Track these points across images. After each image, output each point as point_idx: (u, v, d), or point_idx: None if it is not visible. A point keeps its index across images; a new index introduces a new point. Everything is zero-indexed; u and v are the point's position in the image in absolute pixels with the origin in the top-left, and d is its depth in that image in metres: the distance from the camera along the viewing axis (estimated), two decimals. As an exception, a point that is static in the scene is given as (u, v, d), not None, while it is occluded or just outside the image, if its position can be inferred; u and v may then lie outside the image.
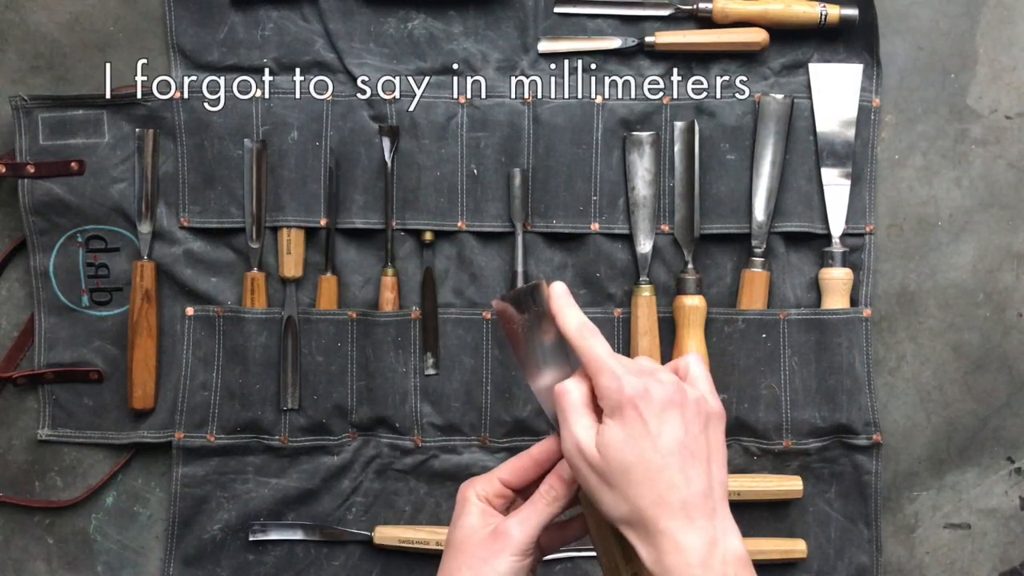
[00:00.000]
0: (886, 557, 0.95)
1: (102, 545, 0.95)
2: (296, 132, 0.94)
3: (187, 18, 0.94)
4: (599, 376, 0.61)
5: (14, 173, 0.91)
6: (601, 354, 0.62)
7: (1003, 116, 0.97)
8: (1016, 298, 0.97)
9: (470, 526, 0.65)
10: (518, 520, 0.64)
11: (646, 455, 0.59)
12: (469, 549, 0.64)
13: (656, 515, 0.59)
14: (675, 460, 0.60)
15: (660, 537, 0.59)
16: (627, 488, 0.60)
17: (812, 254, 0.95)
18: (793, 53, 0.96)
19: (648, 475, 0.59)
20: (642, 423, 0.60)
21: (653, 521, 0.59)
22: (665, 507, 0.59)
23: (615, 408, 0.60)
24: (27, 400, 0.95)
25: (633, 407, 0.60)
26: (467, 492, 0.66)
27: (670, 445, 0.60)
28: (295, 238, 0.94)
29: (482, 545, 0.63)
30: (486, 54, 0.95)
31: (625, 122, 0.94)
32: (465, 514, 0.65)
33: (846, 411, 0.93)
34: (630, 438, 0.60)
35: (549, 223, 0.94)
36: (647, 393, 0.60)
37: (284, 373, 0.93)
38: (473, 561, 0.63)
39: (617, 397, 0.60)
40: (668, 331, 0.93)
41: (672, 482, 0.59)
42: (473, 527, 0.64)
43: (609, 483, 0.60)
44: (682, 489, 0.59)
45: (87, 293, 0.95)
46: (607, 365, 0.61)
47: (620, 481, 0.60)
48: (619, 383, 0.60)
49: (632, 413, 0.60)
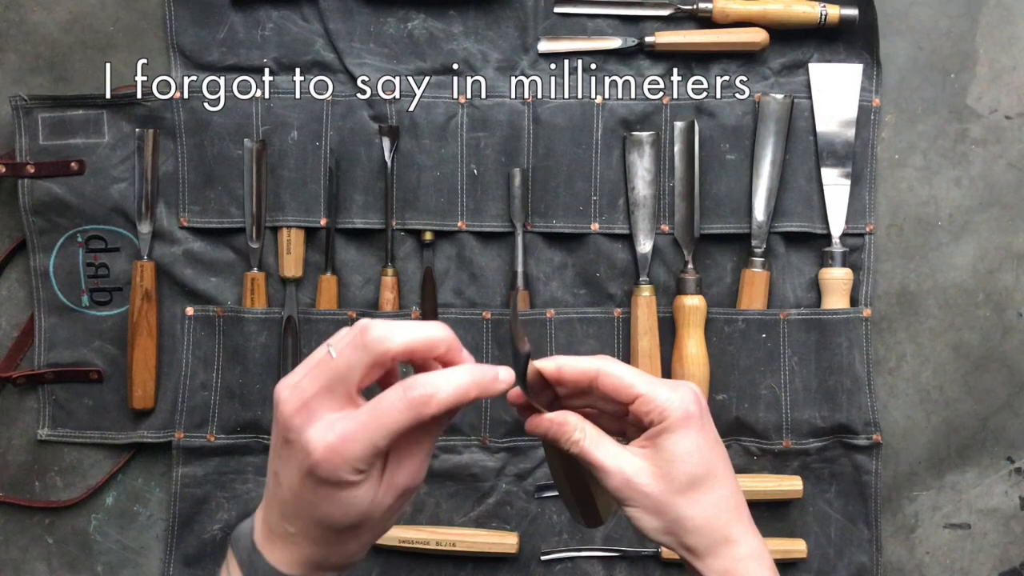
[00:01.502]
0: (886, 557, 0.95)
1: (102, 545, 0.95)
2: (296, 132, 0.94)
3: (187, 18, 0.94)
4: (652, 390, 0.58)
5: (14, 173, 0.91)
6: (633, 374, 0.59)
7: (1003, 116, 0.97)
8: (1016, 298, 0.97)
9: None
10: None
11: (716, 462, 0.58)
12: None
13: (727, 522, 0.58)
14: (729, 465, 0.59)
15: (729, 546, 0.58)
16: (701, 497, 0.58)
17: (812, 254, 0.95)
18: (793, 53, 0.96)
19: (717, 483, 0.58)
20: (710, 429, 0.59)
21: (723, 530, 0.58)
22: (734, 513, 0.58)
23: (681, 420, 0.57)
24: (27, 400, 0.95)
25: (700, 415, 0.58)
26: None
27: (724, 450, 0.59)
28: (295, 238, 0.94)
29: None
30: (486, 54, 0.95)
31: (625, 122, 0.95)
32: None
33: (846, 411, 0.93)
34: (700, 448, 0.58)
35: (549, 223, 0.94)
36: (699, 399, 0.59)
37: (284, 373, 0.92)
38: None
39: (684, 408, 0.58)
40: (668, 331, 0.93)
41: (736, 487, 0.59)
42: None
43: (677, 498, 0.58)
44: (738, 493, 0.59)
45: (87, 293, 0.95)
46: (648, 381, 0.58)
47: (688, 495, 0.57)
48: (676, 394, 0.58)
49: (698, 422, 0.58)
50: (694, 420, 0.58)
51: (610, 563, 0.93)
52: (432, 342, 0.52)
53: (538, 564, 0.93)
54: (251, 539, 0.55)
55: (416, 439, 0.53)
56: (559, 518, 0.94)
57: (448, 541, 0.91)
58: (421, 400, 0.51)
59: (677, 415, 0.57)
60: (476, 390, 0.52)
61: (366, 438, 0.50)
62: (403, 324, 0.52)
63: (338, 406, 0.51)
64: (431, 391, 0.51)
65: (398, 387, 0.51)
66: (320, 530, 0.53)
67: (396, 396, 0.51)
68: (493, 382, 0.53)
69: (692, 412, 0.58)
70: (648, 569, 0.94)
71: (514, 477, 0.94)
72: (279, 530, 0.54)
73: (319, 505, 0.52)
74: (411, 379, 0.51)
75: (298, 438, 0.51)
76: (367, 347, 0.51)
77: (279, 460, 0.53)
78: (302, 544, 0.54)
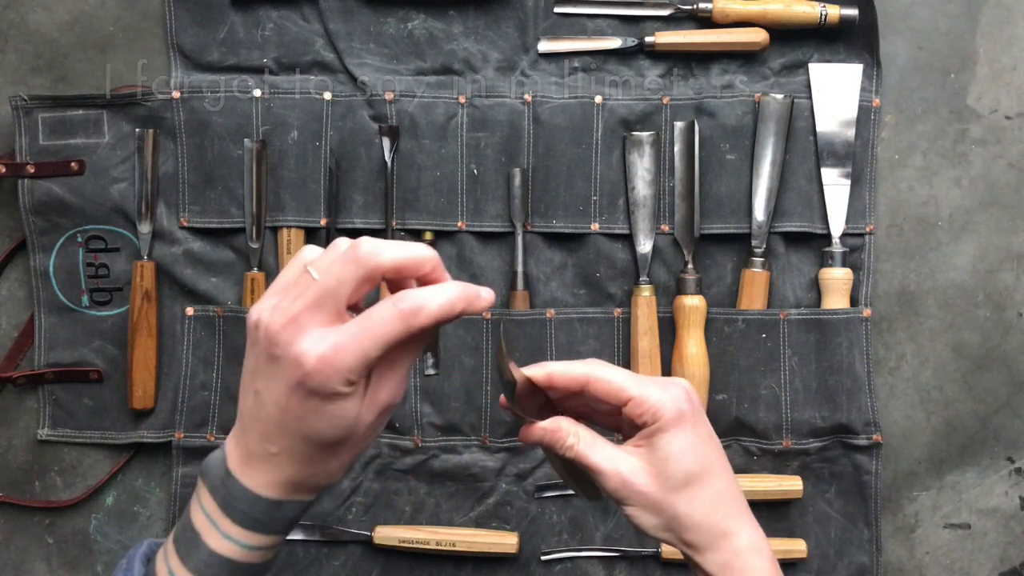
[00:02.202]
0: (886, 557, 0.95)
1: (102, 545, 0.95)
2: (296, 132, 0.94)
3: (187, 18, 0.94)
4: (644, 392, 0.58)
5: (14, 173, 0.91)
6: (624, 376, 0.59)
7: (1003, 116, 0.97)
8: (1016, 298, 0.97)
9: None
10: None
11: (711, 458, 0.59)
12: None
13: (725, 516, 0.58)
14: (725, 459, 0.60)
15: (727, 540, 0.58)
16: (698, 493, 0.58)
17: (812, 254, 0.95)
18: (793, 53, 0.96)
19: (713, 479, 0.59)
20: (703, 426, 0.59)
21: (722, 524, 0.58)
22: (731, 507, 0.59)
23: (674, 419, 0.58)
24: (27, 400, 0.95)
25: (692, 413, 0.59)
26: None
27: (719, 445, 0.60)
28: (295, 238, 0.94)
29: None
30: (486, 54, 0.95)
31: (625, 122, 0.95)
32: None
33: (846, 411, 0.93)
34: (694, 445, 0.58)
35: (549, 223, 0.94)
36: (691, 397, 0.59)
37: (284, 373, 0.92)
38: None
39: (676, 407, 0.58)
40: (668, 331, 0.93)
41: (732, 481, 0.60)
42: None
43: (662, 501, 0.58)
44: (735, 487, 0.60)
45: (87, 293, 0.95)
46: (639, 382, 0.59)
47: (684, 492, 0.58)
48: (667, 393, 0.58)
49: (690, 420, 0.58)
50: (687, 418, 0.58)
51: (610, 563, 0.93)
52: (420, 260, 0.53)
53: (538, 564, 0.93)
54: (224, 467, 0.55)
55: (398, 356, 0.54)
56: (559, 518, 0.94)
57: (448, 541, 0.91)
58: (411, 311, 0.51)
59: (670, 415, 0.58)
60: (462, 304, 0.53)
61: (358, 348, 0.51)
62: (391, 242, 0.53)
63: (327, 321, 0.51)
64: (420, 303, 0.51)
65: (388, 300, 0.52)
66: (306, 446, 0.53)
67: (387, 307, 0.51)
68: (476, 298, 0.54)
69: (684, 410, 0.58)
70: (648, 569, 0.94)
71: (514, 477, 0.94)
72: (259, 451, 0.54)
73: (307, 419, 0.52)
74: (401, 293, 0.52)
75: (287, 352, 0.51)
76: (359, 261, 0.51)
77: (262, 379, 0.53)
78: (284, 464, 0.54)
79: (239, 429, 0.55)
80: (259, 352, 0.53)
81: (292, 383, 0.51)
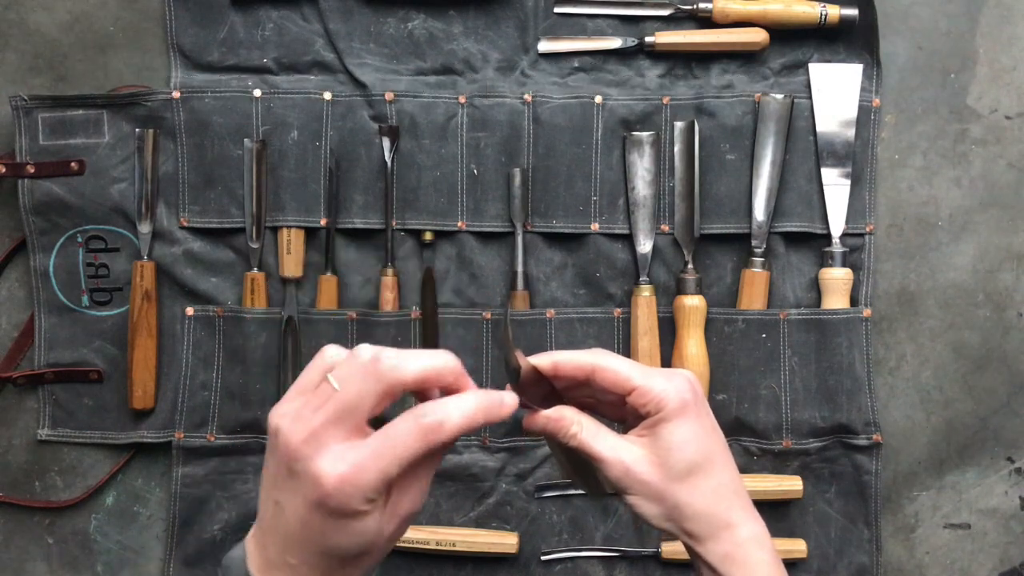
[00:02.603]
0: (886, 557, 0.95)
1: (102, 545, 0.95)
2: (296, 132, 0.94)
3: (187, 18, 0.94)
4: (648, 381, 0.58)
5: (14, 173, 0.91)
6: (629, 366, 0.59)
7: (1003, 116, 0.97)
8: (1016, 298, 0.97)
9: None
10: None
11: (714, 448, 0.59)
12: None
13: (727, 508, 0.59)
14: (728, 451, 0.60)
15: (729, 530, 0.58)
16: (700, 483, 0.58)
17: (812, 254, 0.95)
18: (793, 53, 0.96)
19: (716, 469, 0.59)
20: (706, 416, 0.59)
21: (724, 515, 0.58)
22: (734, 499, 0.59)
23: (678, 409, 0.58)
24: (27, 400, 0.95)
25: (696, 403, 0.59)
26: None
27: (722, 437, 0.60)
28: (295, 238, 0.94)
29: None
30: (486, 54, 0.95)
31: (625, 122, 0.95)
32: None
33: (846, 411, 0.93)
34: (697, 436, 0.58)
35: (549, 223, 0.94)
36: (695, 387, 0.59)
37: (284, 373, 0.92)
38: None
39: (679, 397, 0.58)
40: (668, 331, 0.93)
41: (734, 473, 0.60)
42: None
43: (665, 491, 0.58)
44: (737, 479, 0.60)
45: (87, 293, 0.95)
46: (644, 372, 0.59)
47: (687, 482, 0.58)
48: (671, 384, 0.58)
49: (694, 410, 0.59)
50: (690, 408, 0.58)
51: (610, 563, 0.93)
52: (442, 372, 0.52)
53: (538, 564, 0.93)
54: (244, 568, 0.54)
55: (419, 467, 0.53)
56: (559, 518, 0.94)
57: (448, 541, 0.91)
58: (432, 427, 0.51)
59: (673, 404, 0.58)
60: (483, 416, 0.52)
61: (378, 468, 0.50)
62: (413, 353, 0.52)
63: (346, 436, 0.51)
64: (442, 418, 0.51)
65: (408, 415, 0.51)
66: (326, 560, 0.53)
67: (408, 424, 0.51)
68: (499, 407, 0.53)
69: (688, 400, 0.58)
70: (648, 569, 0.94)
71: (514, 477, 0.94)
72: (279, 561, 0.53)
73: (327, 536, 0.51)
74: (421, 407, 0.51)
75: (306, 469, 0.50)
76: (380, 376, 0.51)
77: (281, 491, 0.52)
78: (304, 575, 0.53)
79: (259, 532, 0.54)
80: (279, 462, 0.52)
81: (311, 501, 0.50)
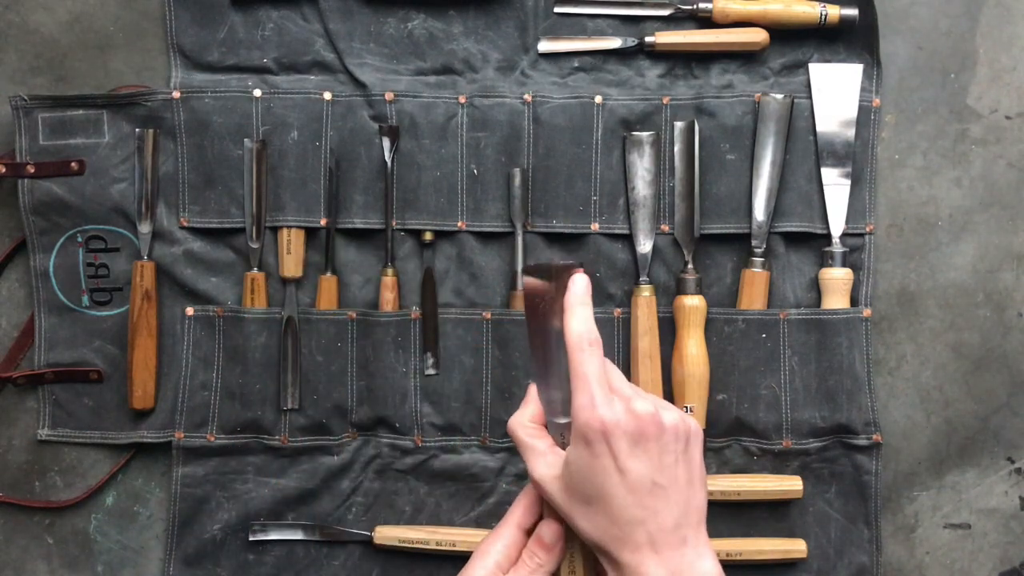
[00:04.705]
0: (886, 557, 0.95)
1: (102, 545, 0.95)
2: (296, 132, 0.94)
3: (187, 18, 0.94)
4: (577, 394, 0.59)
5: (14, 173, 0.92)
6: (589, 372, 0.59)
7: (1003, 116, 0.97)
8: (1016, 298, 0.97)
9: None
10: None
11: (610, 490, 0.58)
12: None
13: (619, 548, 0.59)
14: (643, 496, 0.58)
15: (624, 568, 0.59)
16: (592, 516, 0.59)
17: (812, 254, 0.95)
18: (793, 53, 0.96)
19: (611, 510, 0.59)
20: (611, 457, 0.58)
21: (616, 553, 0.59)
22: (629, 542, 0.58)
23: (582, 436, 0.59)
24: (27, 400, 0.95)
25: (603, 439, 0.58)
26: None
27: (640, 481, 0.58)
28: (295, 238, 0.94)
29: None
30: (486, 54, 0.95)
31: (625, 122, 0.95)
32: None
33: (846, 411, 0.93)
34: (595, 471, 0.58)
35: (549, 223, 0.94)
36: (618, 425, 0.58)
37: (284, 373, 0.93)
38: None
39: (586, 426, 0.58)
40: (668, 331, 0.93)
41: (637, 518, 0.58)
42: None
43: (574, 508, 0.60)
44: (648, 524, 0.58)
45: (87, 293, 0.95)
46: (588, 387, 0.59)
47: (582, 509, 0.60)
48: (592, 412, 0.58)
49: (601, 446, 0.58)
50: (587, 441, 0.59)
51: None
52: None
53: (538, 564, 0.93)
54: None
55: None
56: (559, 518, 0.94)
57: (448, 541, 0.91)
58: None
59: (578, 430, 0.59)
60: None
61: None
62: None
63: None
64: None
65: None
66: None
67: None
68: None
69: (591, 434, 0.58)
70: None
71: (514, 477, 0.94)
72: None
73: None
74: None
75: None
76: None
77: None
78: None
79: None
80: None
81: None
